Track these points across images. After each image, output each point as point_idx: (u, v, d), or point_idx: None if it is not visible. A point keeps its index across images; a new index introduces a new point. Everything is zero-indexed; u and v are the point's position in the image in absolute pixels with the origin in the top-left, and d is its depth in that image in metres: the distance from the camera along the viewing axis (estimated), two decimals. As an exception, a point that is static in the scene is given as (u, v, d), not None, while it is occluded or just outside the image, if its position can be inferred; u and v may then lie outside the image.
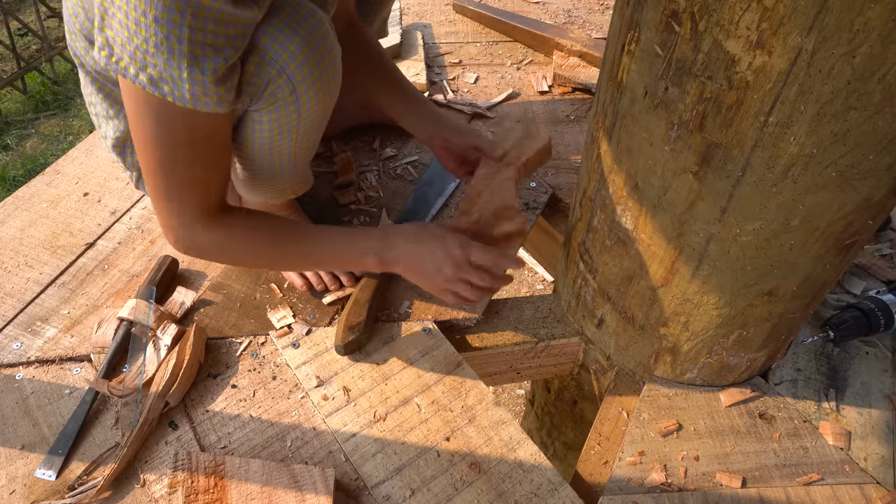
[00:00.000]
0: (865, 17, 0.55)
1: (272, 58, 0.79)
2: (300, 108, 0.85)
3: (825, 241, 0.77)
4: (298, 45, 0.80)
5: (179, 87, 0.73)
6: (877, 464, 0.92)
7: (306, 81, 0.83)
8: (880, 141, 0.65)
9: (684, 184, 0.77)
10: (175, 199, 0.85)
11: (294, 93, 0.83)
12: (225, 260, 1.00)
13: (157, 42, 0.69)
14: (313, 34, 0.81)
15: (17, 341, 1.03)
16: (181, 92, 0.73)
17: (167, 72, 0.72)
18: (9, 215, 1.25)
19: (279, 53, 0.79)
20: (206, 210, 0.87)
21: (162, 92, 0.73)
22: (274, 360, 1.01)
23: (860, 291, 1.15)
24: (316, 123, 0.92)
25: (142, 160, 0.82)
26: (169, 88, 0.73)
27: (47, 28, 3.32)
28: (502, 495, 0.86)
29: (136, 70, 0.73)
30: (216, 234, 0.89)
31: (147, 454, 0.90)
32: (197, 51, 0.71)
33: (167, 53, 0.70)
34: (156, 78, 0.72)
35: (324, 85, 0.85)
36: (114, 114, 0.95)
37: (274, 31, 0.79)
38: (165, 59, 0.71)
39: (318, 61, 0.83)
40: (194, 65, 0.72)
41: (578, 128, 1.49)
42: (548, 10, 1.91)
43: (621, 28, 0.77)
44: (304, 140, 0.94)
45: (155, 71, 0.72)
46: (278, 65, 0.80)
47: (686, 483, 0.90)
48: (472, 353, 1.05)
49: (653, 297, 0.92)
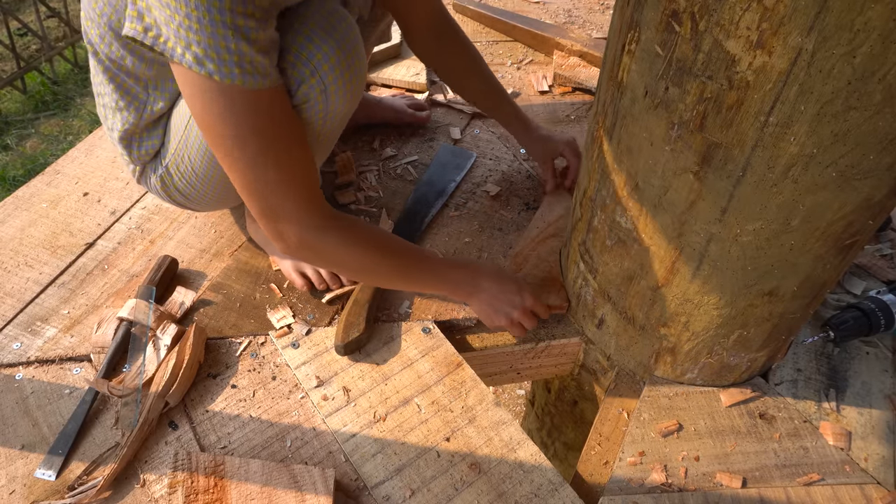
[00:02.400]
0: (866, 16, 0.55)
1: (307, 58, 0.81)
2: (328, 108, 0.87)
3: (825, 241, 0.77)
4: (332, 47, 0.82)
5: (226, 63, 0.71)
6: (877, 464, 0.92)
7: (337, 83, 0.85)
8: (881, 141, 0.65)
9: (685, 184, 0.77)
10: (271, 193, 0.80)
11: (325, 93, 0.85)
12: (346, 261, 0.91)
13: (199, 16, 0.68)
14: (346, 37, 0.84)
15: (17, 341, 1.03)
16: (229, 68, 0.71)
17: (212, 47, 0.70)
18: (9, 215, 1.25)
19: (313, 54, 0.81)
20: (312, 200, 0.84)
21: (208, 70, 0.71)
22: (274, 361, 1.01)
23: (860, 291, 1.15)
24: (338, 124, 0.94)
25: (222, 159, 0.79)
26: (215, 66, 0.71)
27: (47, 28, 3.32)
28: (502, 496, 0.86)
29: (182, 49, 0.71)
30: (340, 226, 0.86)
31: (147, 454, 0.90)
32: (240, 21, 0.70)
33: (210, 27, 0.69)
34: (201, 56, 0.71)
35: (353, 87, 0.88)
36: (123, 105, 0.94)
37: (309, 33, 0.81)
38: (210, 32, 0.69)
39: (349, 64, 0.85)
40: (239, 36, 0.70)
41: (579, 127, 1.49)
42: (548, 9, 1.91)
43: (621, 28, 0.76)
44: (326, 140, 0.95)
45: (199, 48, 0.70)
46: (312, 65, 0.82)
47: (686, 483, 0.89)
48: (472, 353, 1.05)
49: (653, 298, 0.92)
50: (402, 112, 1.45)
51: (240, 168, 0.79)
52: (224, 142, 0.77)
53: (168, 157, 0.98)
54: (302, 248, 0.87)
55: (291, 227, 0.84)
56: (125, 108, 0.95)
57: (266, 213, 0.84)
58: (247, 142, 0.77)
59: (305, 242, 0.86)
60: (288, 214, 0.83)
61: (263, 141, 0.78)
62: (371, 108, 1.43)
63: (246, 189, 0.82)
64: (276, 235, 0.86)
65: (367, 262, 0.92)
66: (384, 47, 1.61)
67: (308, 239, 0.86)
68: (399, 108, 1.45)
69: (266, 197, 0.81)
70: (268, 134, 0.78)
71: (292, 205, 0.83)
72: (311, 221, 0.85)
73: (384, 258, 0.93)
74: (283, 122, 0.80)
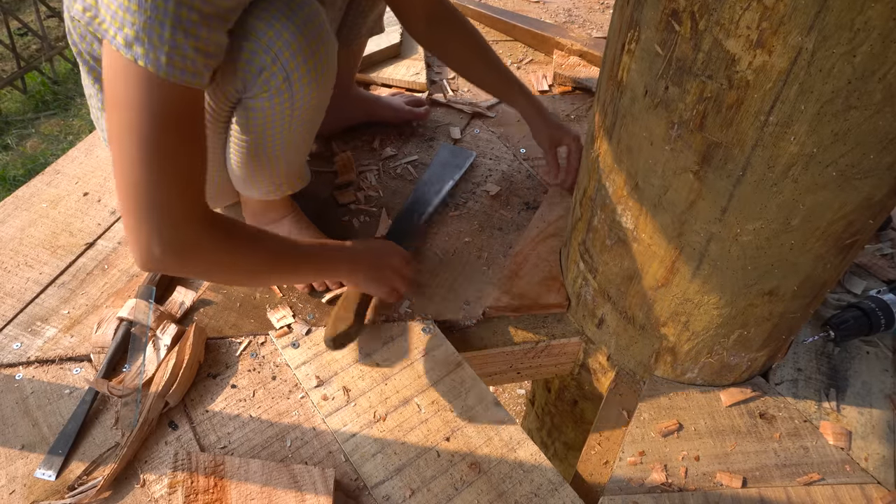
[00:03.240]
0: (866, 16, 0.55)
1: (267, 45, 0.79)
2: (294, 96, 0.85)
3: (826, 240, 0.77)
4: (293, 33, 0.80)
5: (156, 49, 0.67)
6: (877, 464, 0.92)
7: (300, 70, 0.82)
8: (881, 140, 0.65)
9: (684, 183, 0.77)
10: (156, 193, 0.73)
11: (287, 80, 0.83)
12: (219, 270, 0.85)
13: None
14: (308, 24, 0.81)
15: (17, 341, 1.03)
16: (156, 55, 0.68)
17: (145, 31, 0.66)
18: (8, 215, 1.25)
19: (273, 41, 0.79)
20: (195, 206, 0.78)
21: (134, 54, 0.67)
22: (274, 360, 1.01)
23: (861, 291, 1.15)
24: (310, 115, 0.92)
25: (115, 145, 0.73)
26: (143, 51, 0.67)
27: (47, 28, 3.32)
28: (502, 495, 0.86)
29: (115, 31, 0.68)
30: (215, 235, 0.80)
31: (147, 454, 0.90)
32: (183, 13, 0.67)
33: (151, 11, 0.66)
34: (131, 38, 0.67)
35: (318, 76, 0.85)
36: None
37: (269, 18, 0.78)
38: (148, 16, 0.66)
39: (312, 51, 0.82)
40: (178, 27, 0.67)
41: (579, 127, 1.49)
42: (548, 9, 1.91)
43: (621, 27, 0.76)
44: (299, 131, 0.93)
45: (132, 30, 0.67)
46: (272, 52, 0.80)
47: (686, 483, 0.89)
48: (472, 353, 1.05)
49: (653, 297, 0.92)
50: (400, 110, 1.45)
51: (132, 159, 0.72)
52: (127, 129, 0.71)
53: None
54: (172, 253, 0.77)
55: (166, 229, 0.75)
56: None
57: (143, 211, 0.75)
58: (150, 134, 0.71)
59: (179, 246, 0.77)
60: (168, 215, 0.75)
61: (167, 138, 0.73)
62: (370, 107, 1.43)
63: (130, 182, 0.74)
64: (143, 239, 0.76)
65: (245, 264, 0.85)
66: (384, 47, 1.61)
67: (183, 242, 0.77)
68: (397, 107, 1.45)
69: (150, 193, 0.74)
70: (174, 132, 0.73)
71: (178, 206, 0.76)
72: (190, 226, 0.77)
73: (269, 258, 0.87)
74: (192, 125, 0.76)
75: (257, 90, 0.83)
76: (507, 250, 1.20)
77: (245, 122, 0.89)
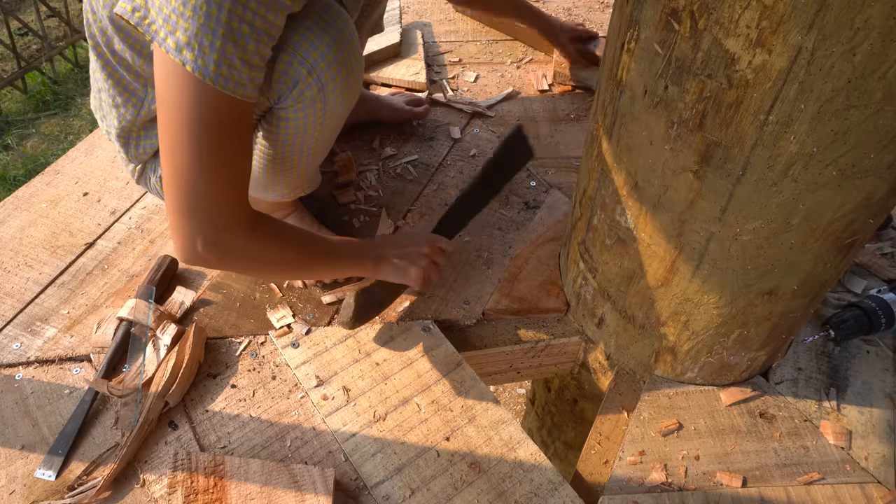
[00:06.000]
0: (866, 14, 0.55)
1: (303, 57, 0.81)
2: (326, 106, 0.87)
3: (826, 240, 0.77)
4: (328, 45, 0.82)
5: (205, 56, 0.69)
6: (878, 463, 0.92)
7: (335, 80, 0.85)
8: (881, 139, 0.64)
9: (684, 183, 0.77)
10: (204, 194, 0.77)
11: (322, 91, 0.85)
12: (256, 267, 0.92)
13: (195, 5, 0.67)
14: (341, 35, 0.83)
15: (17, 341, 1.03)
16: (205, 62, 0.70)
17: (196, 38, 0.68)
18: (8, 215, 1.25)
19: (309, 53, 0.81)
20: (240, 209, 0.81)
21: (183, 59, 0.70)
22: (273, 360, 1.01)
23: (861, 290, 1.15)
24: (336, 122, 0.94)
25: (165, 142, 0.76)
26: (192, 56, 0.69)
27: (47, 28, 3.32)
28: (502, 495, 0.86)
29: (166, 34, 0.69)
30: (255, 237, 0.84)
31: (147, 454, 0.90)
32: (234, 24, 0.68)
33: (204, 18, 0.67)
34: (182, 43, 0.69)
35: (349, 84, 0.88)
36: (122, 102, 0.94)
37: (305, 31, 0.80)
38: (200, 23, 0.67)
39: (345, 61, 0.84)
40: (228, 37, 0.69)
41: (579, 126, 1.49)
42: (548, 8, 1.90)
43: (621, 26, 0.76)
44: (326, 137, 0.96)
45: (184, 35, 0.68)
46: (308, 64, 0.81)
47: (686, 482, 0.89)
48: (472, 353, 1.05)
49: (653, 297, 0.91)
50: (400, 109, 1.45)
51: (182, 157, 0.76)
52: (177, 128, 0.74)
53: None
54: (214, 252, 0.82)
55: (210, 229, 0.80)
56: (122, 105, 0.94)
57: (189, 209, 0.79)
58: (200, 135, 0.74)
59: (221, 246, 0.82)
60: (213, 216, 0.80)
61: (216, 141, 0.76)
62: (369, 107, 1.43)
63: (179, 180, 0.77)
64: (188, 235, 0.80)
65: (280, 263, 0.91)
66: (384, 47, 1.61)
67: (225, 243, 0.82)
68: (397, 106, 1.45)
69: (197, 193, 0.77)
70: (222, 137, 0.76)
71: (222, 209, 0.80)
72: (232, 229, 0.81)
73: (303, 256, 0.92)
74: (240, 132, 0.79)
75: (291, 101, 0.85)
76: (507, 250, 1.19)
77: (274, 131, 0.90)
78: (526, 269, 1.15)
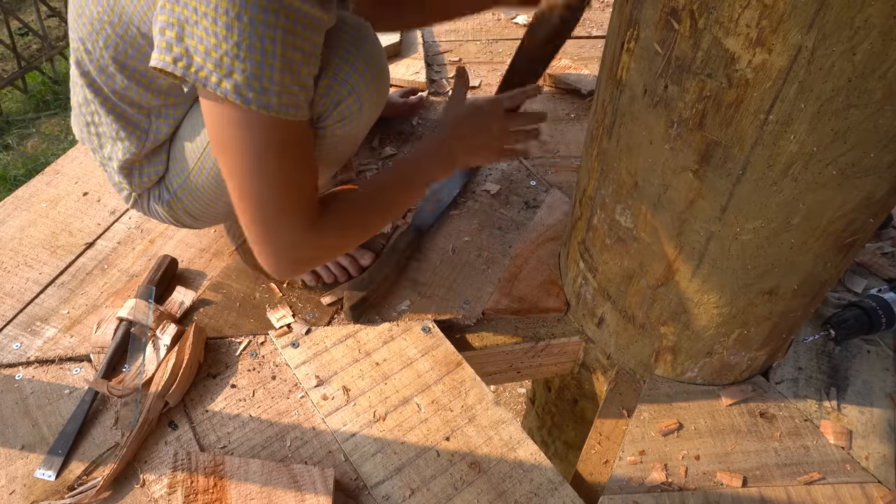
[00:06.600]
0: (866, 13, 0.55)
1: (343, 79, 0.83)
2: (362, 119, 0.90)
3: (826, 239, 0.77)
4: (365, 63, 0.84)
5: (267, 92, 0.70)
6: (878, 463, 0.92)
7: (371, 97, 0.88)
8: (881, 139, 0.64)
9: (684, 182, 0.76)
10: (277, 214, 0.79)
11: (361, 109, 0.88)
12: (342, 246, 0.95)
13: (249, 45, 0.67)
14: (373, 52, 0.86)
15: (17, 341, 1.03)
16: (268, 98, 0.70)
17: (256, 77, 0.69)
18: (8, 215, 1.25)
19: (350, 75, 0.83)
20: (310, 211, 0.83)
21: (245, 99, 0.70)
22: (273, 360, 1.01)
23: (861, 290, 1.15)
24: (370, 125, 0.96)
25: (235, 185, 0.78)
26: (254, 95, 0.70)
27: (48, 27, 3.32)
28: (502, 495, 0.86)
29: (220, 77, 0.69)
30: (331, 224, 0.86)
31: (147, 454, 0.90)
32: (289, 54, 0.69)
33: (260, 56, 0.68)
34: (241, 84, 0.69)
35: (381, 97, 0.91)
36: (125, 135, 0.93)
37: (343, 53, 0.83)
38: (258, 62, 0.68)
39: (379, 77, 0.88)
40: (285, 69, 0.70)
41: (579, 126, 1.49)
42: (548, 7, 1.90)
43: (620, 26, 0.76)
44: (359, 139, 0.98)
45: (241, 76, 0.69)
46: (349, 85, 0.84)
47: (687, 482, 0.89)
48: (472, 353, 1.05)
49: (653, 296, 0.91)
50: (395, 104, 1.48)
51: (255, 197, 0.78)
52: (241, 167, 0.76)
53: (177, 182, 0.96)
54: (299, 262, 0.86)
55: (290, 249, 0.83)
56: (126, 138, 0.93)
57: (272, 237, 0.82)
58: (265, 169, 0.76)
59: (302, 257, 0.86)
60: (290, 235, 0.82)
61: (281, 169, 0.77)
62: None
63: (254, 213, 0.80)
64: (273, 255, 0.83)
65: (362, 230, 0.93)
66: (384, 46, 1.61)
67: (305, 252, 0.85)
68: (392, 102, 1.47)
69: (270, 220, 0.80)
70: (287, 163, 0.78)
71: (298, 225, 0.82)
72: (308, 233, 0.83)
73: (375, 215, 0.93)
74: (302, 152, 0.80)
75: (332, 120, 0.87)
76: (507, 249, 1.19)
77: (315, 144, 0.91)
78: (526, 269, 1.15)
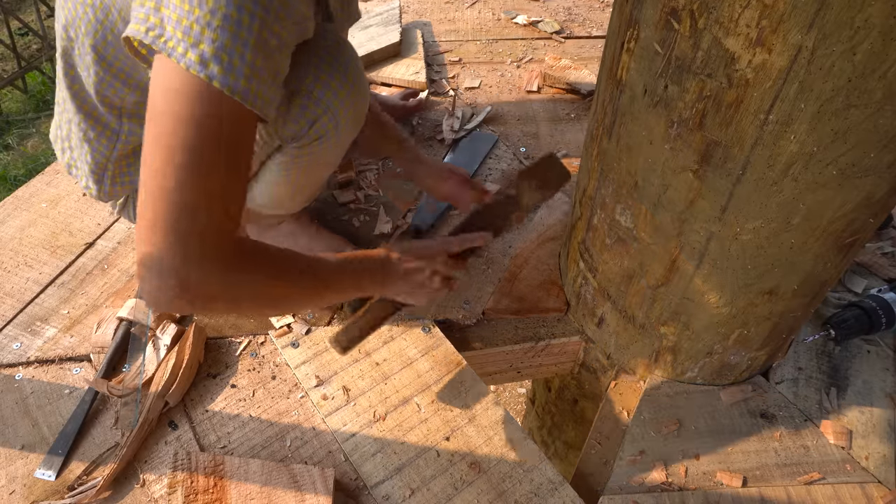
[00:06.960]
0: (866, 13, 0.55)
1: (318, 99, 0.82)
2: (339, 137, 0.89)
3: (826, 239, 0.77)
4: (340, 82, 0.83)
5: (234, 71, 0.63)
6: (878, 463, 0.92)
7: (347, 115, 0.86)
8: (881, 139, 0.64)
9: (684, 182, 0.76)
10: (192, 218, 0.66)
11: (337, 127, 0.86)
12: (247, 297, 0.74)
13: (225, 14, 0.61)
14: (350, 70, 0.84)
15: (17, 341, 1.03)
16: (234, 79, 0.63)
17: (226, 50, 0.63)
18: (8, 215, 1.25)
19: (324, 94, 0.82)
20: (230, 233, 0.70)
21: (210, 74, 0.62)
22: (273, 360, 1.01)
23: (861, 290, 1.15)
24: (348, 143, 0.95)
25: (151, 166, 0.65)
26: (219, 70, 0.63)
27: (48, 27, 3.32)
28: (502, 495, 0.86)
29: (186, 47, 0.63)
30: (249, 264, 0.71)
31: (147, 454, 0.90)
32: (265, 34, 0.64)
33: (235, 27, 0.62)
34: (207, 56, 0.62)
35: (359, 115, 0.89)
36: (94, 136, 0.89)
37: (316, 72, 0.81)
38: (232, 33, 0.62)
39: (356, 95, 0.86)
40: (258, 50, 0.64)
41: (579, 126, 1.49)
42: (548, 7, 1.90)
43: (621, 26, 0.76)
44: (337, 158, 0.97)
45: (210, 47, 0.62)
46: (324, 104, 0.83)
47: (687, 482, 0.89)
48: (472, 353, 1.05)
49: (653, 296, 0.91)
50: (394, 106, 1.47)
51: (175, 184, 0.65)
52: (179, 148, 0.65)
53: None
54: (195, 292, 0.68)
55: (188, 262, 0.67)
56: (95, 139, 0.89)
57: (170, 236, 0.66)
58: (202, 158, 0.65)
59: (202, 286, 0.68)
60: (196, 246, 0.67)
61: (223, 158, 0.67)
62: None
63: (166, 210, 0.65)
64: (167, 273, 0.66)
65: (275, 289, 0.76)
66: (384, 46, 1.61)
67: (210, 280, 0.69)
68: (392, 104, 1.47)
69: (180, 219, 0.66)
70: (228, 162, 0.68)
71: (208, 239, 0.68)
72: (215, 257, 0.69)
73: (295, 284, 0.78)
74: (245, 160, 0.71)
75: (307, 140, 0.86)
76: (507, 249, 1.19)
77: (289, 164, 0.90)
78: (526, 269, 1.15)
